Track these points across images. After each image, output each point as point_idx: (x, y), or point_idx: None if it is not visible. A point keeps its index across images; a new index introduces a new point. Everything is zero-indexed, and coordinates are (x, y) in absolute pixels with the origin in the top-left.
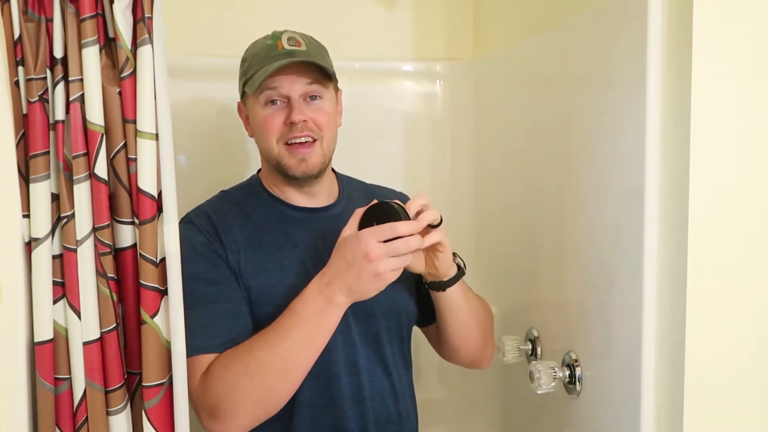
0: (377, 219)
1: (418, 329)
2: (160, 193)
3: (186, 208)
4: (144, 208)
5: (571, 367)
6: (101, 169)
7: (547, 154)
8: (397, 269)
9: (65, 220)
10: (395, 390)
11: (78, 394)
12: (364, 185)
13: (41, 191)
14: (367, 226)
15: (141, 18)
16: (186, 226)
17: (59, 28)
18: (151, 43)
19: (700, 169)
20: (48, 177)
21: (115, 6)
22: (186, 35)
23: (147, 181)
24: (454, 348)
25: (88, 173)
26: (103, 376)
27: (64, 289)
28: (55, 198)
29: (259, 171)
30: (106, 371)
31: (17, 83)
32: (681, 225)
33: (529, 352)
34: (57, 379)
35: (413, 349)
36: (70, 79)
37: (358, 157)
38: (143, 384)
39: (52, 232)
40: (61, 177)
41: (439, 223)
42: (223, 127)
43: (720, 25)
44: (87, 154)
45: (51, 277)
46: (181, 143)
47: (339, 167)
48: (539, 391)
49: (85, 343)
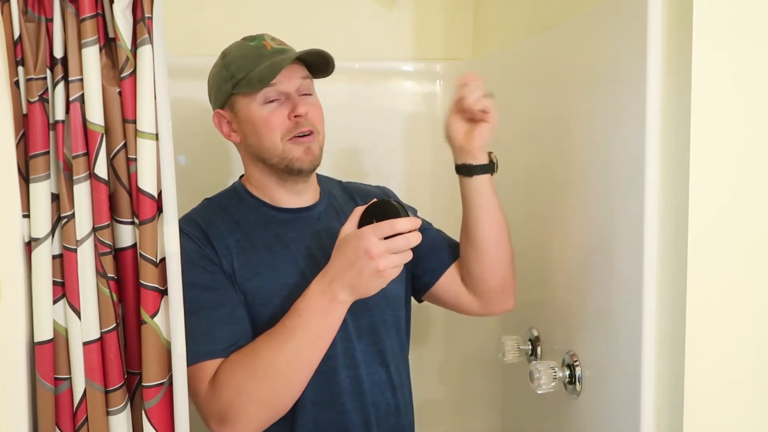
0: (377, 217)
1: (416, 329)
2: (160, 193)
3: (186, 208)
4: (144, 208)
5: (571, 367)
6: (101, 169)
7: (547, 153)
8: (398, 266)
9: (65, 220)
10: (393, 382)
11: (78, 394)
12: (340, 183)
13: (41, 191)
14: (366, 224)
15: (141, 18)
16: None
17: (59, 28)
18: (151, 43)
19: (700, 169)
20: (48, 177)
21: (115, 6)
22: (186, 35)
23: (147, 181)
24: (486, 260)
25: (88, 173)
26: (103, 376)
27: (64, 289)
28: (55, 198)
29: (241, 177)
30: (106, 371)
31: (17, 83)
32: (681, 225)
33: (529, 352)
34: (57, 379)
35: (413, 348)
36: (70, 79)
37: (358, 157)
38: (143, 384)
39: (52, 232)
40: (61, 177)
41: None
42: None
43: (720, 25)
44: (87, 154)
45: (51, 277)
46: (181, 143)
47: (339, 167)
48: (539, 391)
49: (85, 343)
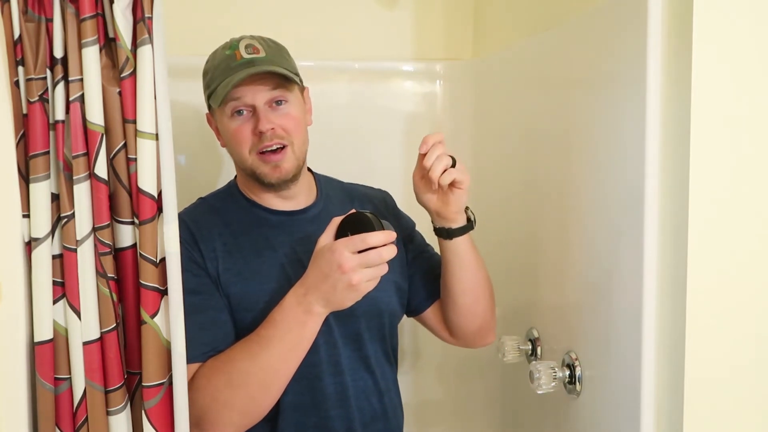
0: (351, 229)
1: (416, 330)
2: (160, 193)
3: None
4: (144, 208)
5: (571, 367)
6: (101, 169)
7: (546, 154)
8: (373, 279)
9: (65, 220)
10: (379, 387)
11: (78, 394)
12: (342, 184)
13: (41, 191)
14: (342, 236)
15: (141, 18)
16: None
17: (59, 28)
18: (151, 43)
19: (700, 169)
20: (48, 177)
21: (115, 6)
22: (186, 35)
23: (147, 181)
24: (463, 313)
25: (88, 173)
26: (103, 376)
27: (64, 289)
28: (55, 198)
29: (236, 177)
30: (106, 371)
31: (17, 83)
32: (681, 225)
33: (529, 352)
34: (57, 379)
35: (413, 348)
36: (70, 79)
37: (358, 157)
38: (143, 384)
39: (52, 232)
40: (61, 177)
41: (453, 164)
42: None
43: (720, 24)
44: (87, 154)
45: (51, 277)
46: (181, 143)
47: (339, 167)
48: (539, 391)
49: (85, 343)
